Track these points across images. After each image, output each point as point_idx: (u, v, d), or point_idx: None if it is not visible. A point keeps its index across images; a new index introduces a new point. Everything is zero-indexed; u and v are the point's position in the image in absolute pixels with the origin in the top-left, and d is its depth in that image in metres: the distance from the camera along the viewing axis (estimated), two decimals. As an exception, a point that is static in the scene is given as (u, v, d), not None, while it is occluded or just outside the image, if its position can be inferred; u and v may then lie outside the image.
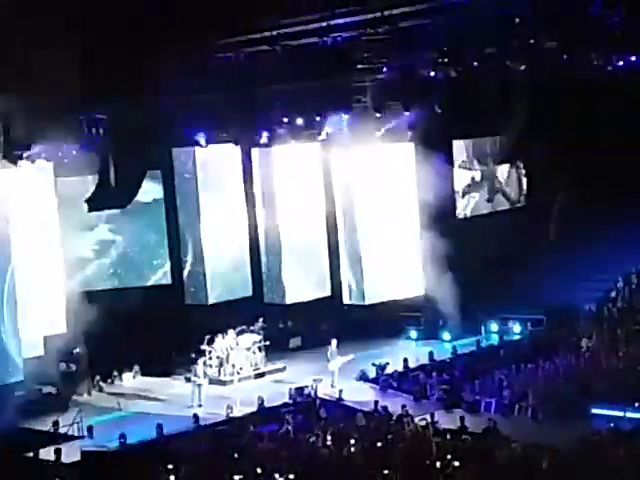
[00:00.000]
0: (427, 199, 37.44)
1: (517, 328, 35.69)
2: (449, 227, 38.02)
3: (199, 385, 30.69)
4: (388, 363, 32.61)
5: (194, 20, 26.30)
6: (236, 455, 24.68)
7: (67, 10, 24.88)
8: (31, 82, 25.79)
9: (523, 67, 31.39)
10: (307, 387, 30.05)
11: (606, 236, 39.61)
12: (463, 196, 40.12)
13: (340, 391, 30.06)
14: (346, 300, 36.88)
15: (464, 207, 40.16)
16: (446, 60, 29.77)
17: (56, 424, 28.40)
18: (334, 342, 31.64)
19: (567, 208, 39.38)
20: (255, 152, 35.85)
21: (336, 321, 36.20)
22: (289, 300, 35.98)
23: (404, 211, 37.15)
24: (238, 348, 32.92)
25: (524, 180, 41.98)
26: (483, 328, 35.68)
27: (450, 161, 39.19)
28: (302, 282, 36.22)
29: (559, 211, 40.23)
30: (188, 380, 31.08)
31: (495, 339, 35.32)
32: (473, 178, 40.70)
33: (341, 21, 28.01)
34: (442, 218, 38.04)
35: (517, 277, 37.97)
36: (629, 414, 25.94)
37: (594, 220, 39.53)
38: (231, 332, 33.04)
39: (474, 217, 40.22)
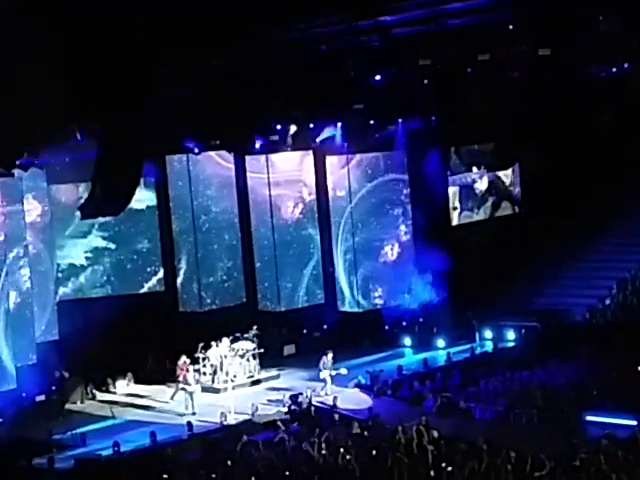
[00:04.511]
0: (421, 206, 37.57)
1: (511, 335, 35.67)
2: (443, 234, 38.05)
3: (192, 393, 30.61)
4: (382, 370, 32.57)
5: (187, 29, 26.24)
6: (230, 463, 24.63)
7: (59, 19, 24.82)
8: (24, 90, 25.71)
9: (516, 74, 31.51)
10: (301, 395, 29.98)
11: (600, 243, 39.68)
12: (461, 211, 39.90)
13: (334, 399, 30.00)
14: (340, 307, 36.97)
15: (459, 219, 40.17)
16: (439, 67, 29.79)
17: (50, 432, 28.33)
18: (329, 353, 31.59)
19: (562, 214, 39.39)
20: (248, 159, 35.89)
21: (330, 328, 36.15)
22: (283, 307, 36.02)
23: (398, 217, 37.27)
24: (232, 356, 32.84)
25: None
26: (477, 335, 35.65)
27: (445, 167, 39.15)
28: (296, 289, 36.26)
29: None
30: (183, 389, 30.97)
31: (489, 346, 35.29)
32: (475, 189, 40.42)
33: (334, 29, 27.99)
34: (436, 225, 38.11)
35: (511, 284, 37.95)
36: (624, 421, 25.90)
37: (588, 226, 39.60)
38: (225, 340, 32.96)
39: (468, 224, 40.19)
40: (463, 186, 39.93)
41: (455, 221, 39.77)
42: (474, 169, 40.16)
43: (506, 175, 41.01)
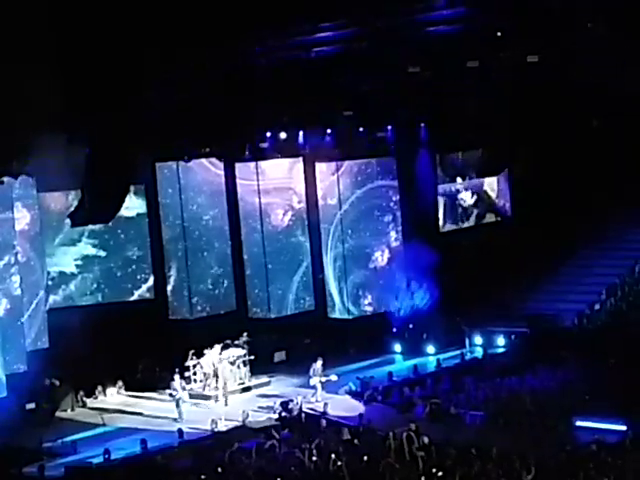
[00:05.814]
0: (410, 212, 37.61)
1: (501, 341, 35.72)
2: (432, 240, 38.08)
3: (182, 400, 30.58)
4: (372, 377, 32.58)
5: (177, 37, 26.35)
6: (221, 470, 24.61)
7: (49, 26, 24.89)
8: (13, 98, 25.75)
9: (506, 80, 31.62)
10: (292, 401, 29.98)
11: (590, 248, 39.75)
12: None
13: (325, 405, 30.01)
14: (330, 314, 36.96)
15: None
16: (428, 74, 29.90)
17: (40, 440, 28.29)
18: (319, 360, 31.60)
19: (551, 220, 39.46)
20: (238, 166, 35.91)
21: (320, 335, 36.15)
22: (273, 314, 36.03)
23: (388, 223, 37.30)
24: (223, 362, 32.81)
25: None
26: (467, 341, 35.68)
27: (434, 174, 39.19)
28: (286, 296, 36.27)
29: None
30: (172, 395, 30.96)
31: (479, 352, 35.31)
32: (460, 200, 40.39)
33: (324, 35, 28.11)
34: (425, 231, 38.14)
35: (501, 290, 37.99)
36: (613, 426, 25.96)
37: (577, 232, 39.67)
38: (216, 347, 32.95)
39: (458, 230, 40.23)
40: (447, 197, 39.86)
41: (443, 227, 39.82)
42: (458, 179, 40.16)
43: (492, 189, 41.01)
